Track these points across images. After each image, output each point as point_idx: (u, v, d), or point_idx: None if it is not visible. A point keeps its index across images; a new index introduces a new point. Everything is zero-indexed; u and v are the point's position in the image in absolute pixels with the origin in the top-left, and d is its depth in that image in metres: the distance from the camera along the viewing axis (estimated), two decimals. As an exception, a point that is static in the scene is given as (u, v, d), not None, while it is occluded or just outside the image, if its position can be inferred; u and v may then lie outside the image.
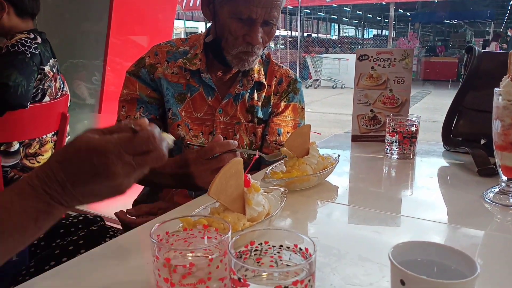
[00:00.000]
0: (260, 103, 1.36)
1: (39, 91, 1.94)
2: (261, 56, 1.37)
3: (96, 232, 1.10)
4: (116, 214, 1.06)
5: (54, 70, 2.02)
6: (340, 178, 1.19)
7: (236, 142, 1.08)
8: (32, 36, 1.92)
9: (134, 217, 1.11)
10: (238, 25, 1.17)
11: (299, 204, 0.97)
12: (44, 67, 1.93)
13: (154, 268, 0.53)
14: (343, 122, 7.66)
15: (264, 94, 1.37)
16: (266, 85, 1.37)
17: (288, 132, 1.36)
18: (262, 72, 1.36)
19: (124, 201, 1.41)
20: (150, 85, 1.31)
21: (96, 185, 0.55)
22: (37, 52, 1.88)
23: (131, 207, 1.25)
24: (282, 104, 1.38)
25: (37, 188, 0.55)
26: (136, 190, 1.43)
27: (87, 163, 0.55)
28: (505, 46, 12.93)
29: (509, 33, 14.41)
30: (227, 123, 1.32)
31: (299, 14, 14.26)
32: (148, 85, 1.31)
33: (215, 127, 1.32)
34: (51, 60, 2.00)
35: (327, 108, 9.56)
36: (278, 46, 18.19)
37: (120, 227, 1.24)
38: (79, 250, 1.03)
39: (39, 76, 1.91)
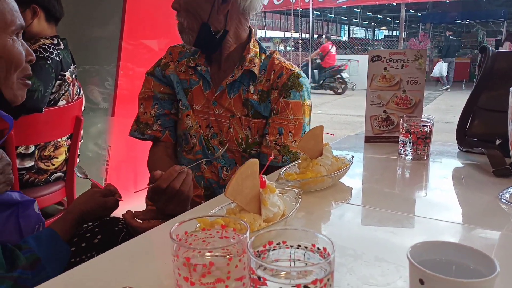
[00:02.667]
0: (255, 97, 1.31)
1: (57, 96, 1.97)
2: (265, 51, 1.36)
3: (108, 221, 1.12)
4: (123, 215, 1.08)
5: (73, 76, 2.06)
6: (353, 179, 1.19)
7: (178, 166, 1.07)
8: (55, 41, 1.96)
9: (141, 221, 1.12)
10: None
11: (314, 205, 0.98)
12: (65, 73, 1.97)
13: (174, 267, 0.54)
14: (354, 124, 7.63)
15: (261, 87, 1.31)
16: (265, 78, 1.32)
17: (290, 132, 1.28)
18: (256, 62, 1.31)
19: (138, 203, 1.42)
20: (163, 81, 1.40)
21: None
22: (58, 59, 1.92)
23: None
24: (282, 100, 1.28)
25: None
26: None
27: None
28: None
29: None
30: (222, 116, 1.33)
31: (311, 16, 14.23)
32: (161, 82, 1.40)
33: (210, 119, 1.34)
34: (71, 67, 2.04)
35: (338, 110, 9.53)
36: (288, 48, 18.20)
37: None
38: (96, 236, 1.05)
39: (58, 81, 1.94)
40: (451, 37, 13.94)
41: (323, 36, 13.28)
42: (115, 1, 2.52)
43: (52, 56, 1.90)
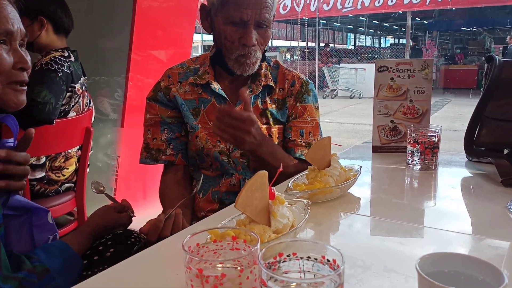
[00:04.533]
0: (273, 106, 1.39)
1: (67, 107, 2.00)
2: (268, 63, 1.42)
3: (121, 235, 1.14)
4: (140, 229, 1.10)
5: (83, 87, 2.09)
6: (362, 189, 1.20)
7: (163, 215, 1.09)
8: (66, 54, 1.99)
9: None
10: (233, 30, 1.24)
11: (322, 216, 0.98)
12: (75, 84, 2.00)
13: (187, 278, 0.55)
14: (361, 132, 7.61)
15: (276, 96, 1.40)
16: (278, 88, 1.41)
17: (310, 132, 1.40)
18: (270, 76, 1.40)
19: (148, 213, 1.44)
20: (169, 105, 1.39)
21: None
22: (69, 71, 1.95)
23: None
24: (299, 105, 1.40)
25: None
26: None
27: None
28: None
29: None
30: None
31: (317, 25, 14.29)
32: (167, 106, 1.39)
33: None
34: (81, 79, 2.07)
35: (345, 118, 9.53)
36: (294, 57, 18.27)
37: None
38: (109, 249, 1.07)
39: (69, 93, 1.98)
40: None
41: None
42: (125, 13, 2.56)
43: (63, 68, 1.93)
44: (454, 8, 14.76)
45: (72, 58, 2.03)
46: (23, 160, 0.90)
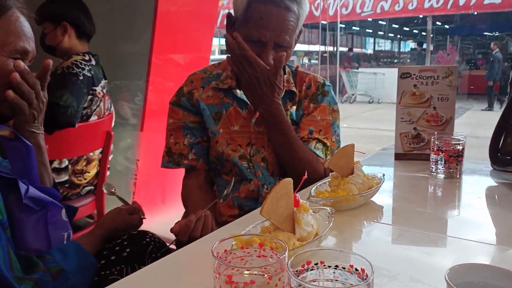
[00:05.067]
0: (294, 107, 1.41)
1: (89, 111, 2.04)
2: (291, 69, 1.45)
3: (136, 235, 1.16)
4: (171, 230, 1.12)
5: (104, 91, 2.12)
6: (384, 197, 1.19)
7: (194, 216, 1.11)
8: (87, 58, 2.03)
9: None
10: (251, 47, 1.25)
11: (345, 223, 0.98)
12: (96, 88, 2.03)
13: (216, 284, 0.55)
14: (380, 138, 7.54)
15: (296, 99, 1.42)
16: (298, 92, 1.42)
17: (320, 131, 1.38)
18: (292, 81, 1.42)
19: (166, 216, 1.45)
20: (192, 110, 1.41)
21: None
22: (90, 74, 1.99)
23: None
24: (311, 105, 1.41)
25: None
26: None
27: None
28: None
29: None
30: (262, 132, 1.36)
31: (338, 30, 14.24)
32: (190, 112, 1.41)
33: (252, 137, 1.37)
34: (102, 82, 2.11)
35: (364, 124, 9.46)
36: (312, 61, 18.21)
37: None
38: (125, 249, 1.08)
39: (90, 96, 2.01)
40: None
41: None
42: (146, 18, 2.60)
43: (84, 72, 1.96)
44: (476, 13, 14.53)
45: (93, 62, 2.06)
46: (33, 82, 0.94)
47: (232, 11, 1.34)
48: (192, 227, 1.08)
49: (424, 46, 15.29)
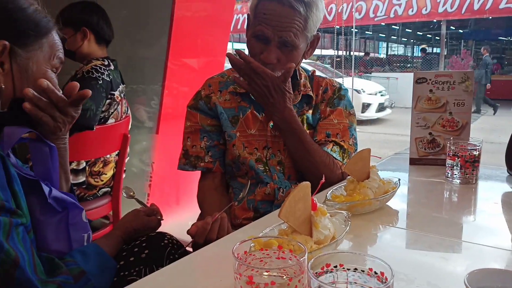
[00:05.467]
0: (310, 111, 1.42)
1: (107, 114, 2.07)
2: (307, 73, 1.47)
3: (155, 237, 1.17)
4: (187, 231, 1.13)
5: (122, 95, 2.16)
6: (399, 202, 1.18)
7: (210, 218, 1.12)
8: (106, 63, 2.07)
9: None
10: (256, 44, 1.28)
11: (361, 228, 0.98)
12: (114, 92, 2.07)
13: (236, 285, 0.57)
14: (393, 143, 7.49)
15: (313, 102, 1.43)
16: (314, 96, 1.43)
17: (337, 134, 1.39)
18: (309, 85, 1.44)
19: (181, 218, 1.47)
20: (209, 114, 1.42)
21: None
22: (109, 79, 2.02)
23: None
24: (328, 109, 1.42)
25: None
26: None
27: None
28: None
29: None
30: (279, 136, 1.37)
31: (353, 34, 14.19)
32: (207, 115, 1.42)
33: (268, 140, 1.38)
34: (120, 86, 2.14)
35: (376, 128, 9.41)
36: (325, 66, 18.18)
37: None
38: (144, 251, 1.10)
39: (108, 100, 2.05)
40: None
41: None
42: (162, 24, 2.63)
43: (103, 76, 2.00)
44: (491, 17, 14.40)
45: (112, 67, 2.10)
46: (56, 99, 0.94)
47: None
48: (208, 229, 1.09)
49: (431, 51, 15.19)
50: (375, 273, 0.54)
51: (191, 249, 1.14)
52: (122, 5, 2.75)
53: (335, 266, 0.56)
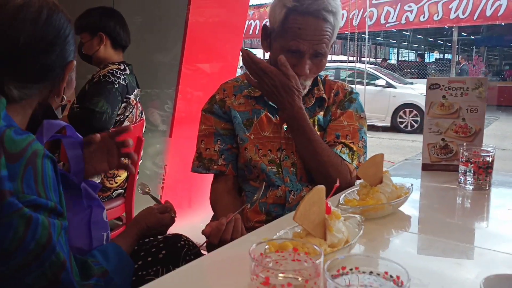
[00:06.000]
0: (322, 112, 1.44)
1: (122, 117, 2.11)
2: (320, 77, 1.48)
3: (171, 238, 1.19)
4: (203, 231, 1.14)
5: (137, 99, 2.19)
6: (412, 207, 1.19)
7: (224, 219, 1.13)
8: (122, 67, 2.11)
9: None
10: (289, 57, 1.28)
11: (374, 232, 0.99)
12: (129, 96, 2.10)
13: (253, 285, 0.58)
14: (404, 148, 7.46)
15: (325, 105, 1.45)
16: (327, 98, 1.44)
17: (347, 135, 1.39)
18: (322, 88, 1.45)
19: (194, 219, 1.48)
20: (224, 117, 1.44)
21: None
22: (124, 83, 2.06)
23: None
24: (338, 111, 1.43)
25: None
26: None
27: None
28: None
29: None
30: (292, 138, 1.39)
31: (366, 40, 14.16)
32: (222, 119, 1.44)
33: (282, 142, 1.39)
34: (136, 90, 2.18)
35: (387, 133, 9.36)
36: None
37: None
38: (161, 251, 1.12)
39: (124, 104, 2.08)
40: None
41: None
42: (177, 29, 2.68)
43: (119, 80, 2.04)
44: (503, 23, 14.28)
45: (128, 71, 2.14)
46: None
47: (267, 23, 1.38)
48: (223, 229, 1.10)
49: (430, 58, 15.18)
50: (391, 276, 0.54)
51: (205, 249, 1.15)
52: (138, 11, 2.80)
53: (351, 269, 0.57)
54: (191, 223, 1.23)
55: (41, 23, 0.82)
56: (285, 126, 1.39)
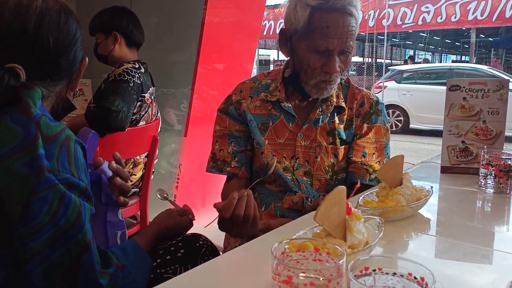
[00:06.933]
0: (342, 126, 1.39)
1: (138, 116, 2.12)
2: (340, 82, 1.43)
3: (190, 238, 1.20)
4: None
5: (152, 97, 2.21)
6: (431, 210, 1.17)
7: (236, 193, 1.09)
8: (137, 66, 2.12)
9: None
10: (316, 57, 1.26)
11: (394, 234, 0.98)
12: (144, 94, 2.12)
13: (275, 285, 0.58)
14: (419, 151, 7.38)
15: (345, 117, 1.40)
16: (347, 108, 1.41)
17: (373, 154, 1.37)
18: (342, 96, 1.41)
19: (207, 218, 1.49)
20: (238, 119, 1.43)
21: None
22: (139, 82, 2.07)
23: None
24: (365, 126, 1.39)
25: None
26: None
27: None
28: None
29: None
30: (308, 147, 1.37)
31: (385, 41, 14.05)
32: (236, 120, 1.43)
33: (297, 151, 1.38)
34: (150, 89, 2.19)
35: (402, 136, 9.27)
36: (349, 72, 18.06)
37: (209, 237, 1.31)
38: (180, 250, 1.13)
39: (139, 103, 2.10)
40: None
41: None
42: (193, 30, 2.69)
43: (134, 79, 2.05)
44: (523, 25, 14.04)
45: (142, 70, 2.15)
46: (126, 176, 1.04)
47: (283, 27, 1.35)
48: (234, 203, 1.07)
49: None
50: (415, 278, 0.54)
51: (216, 224, 1.13)
52: (155, 11, 2.82)
53: (374, 270, 0.56)
54: (205, 222, 1.23)
55: (62, 25, 0.88)
56: (301, 135, 1.37)
